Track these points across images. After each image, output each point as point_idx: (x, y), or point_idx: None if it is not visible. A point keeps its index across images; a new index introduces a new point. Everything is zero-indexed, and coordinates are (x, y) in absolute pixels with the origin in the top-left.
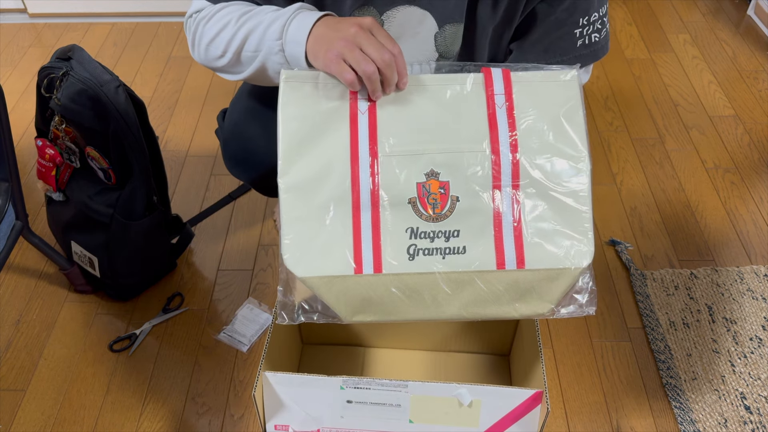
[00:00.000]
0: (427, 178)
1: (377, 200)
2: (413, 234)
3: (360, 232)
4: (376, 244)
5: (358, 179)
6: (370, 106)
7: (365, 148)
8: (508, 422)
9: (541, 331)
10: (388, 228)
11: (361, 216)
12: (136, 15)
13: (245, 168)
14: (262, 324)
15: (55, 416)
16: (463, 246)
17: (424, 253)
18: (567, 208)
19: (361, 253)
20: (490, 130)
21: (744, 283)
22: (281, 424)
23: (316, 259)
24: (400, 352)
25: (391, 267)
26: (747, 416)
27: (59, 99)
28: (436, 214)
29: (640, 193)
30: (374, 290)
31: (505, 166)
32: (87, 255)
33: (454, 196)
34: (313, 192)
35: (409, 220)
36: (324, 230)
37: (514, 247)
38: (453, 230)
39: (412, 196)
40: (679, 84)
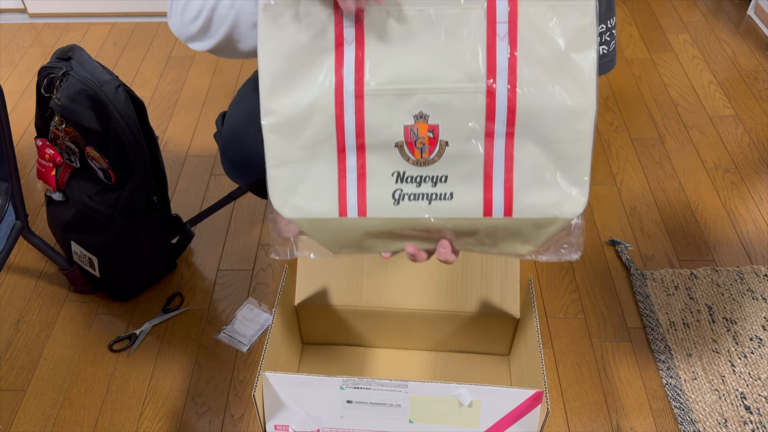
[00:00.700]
0: (415, 120)
1: (363, 143)
2: (399, 178)
3: (345, 176)
4: (361, 188)
5: (342, 121)
6: (357, 35)
7: (350, 85)
8: (508, 422)
9: (541, 331)
10: (374, 171)
11: (347, 159)
12: (136, 15)
13: (244, 173)
14: (262, 324)
15: (55, 416)
16: (450, 192)
17: (409, 198)
18: (564, 155)
19: (346, 197)
20: (487, 67)
21: (744, 283)
22: (281, 424)
23: (302, 201)
24: (400, 352)
25: (376, 211)
26: (747, 416)
27: (59, 99)
28: (423, 158)
29: (640, 193)
30: (359, 232)
31: (501, 109)
32: (87, 255)
33: (443, 140)
34: (298, 132)
35: (396, 164)
36: (310, 172)
37: (503, 196)
38: (441, 175)
39: (399, 140)
40: (679, 84)
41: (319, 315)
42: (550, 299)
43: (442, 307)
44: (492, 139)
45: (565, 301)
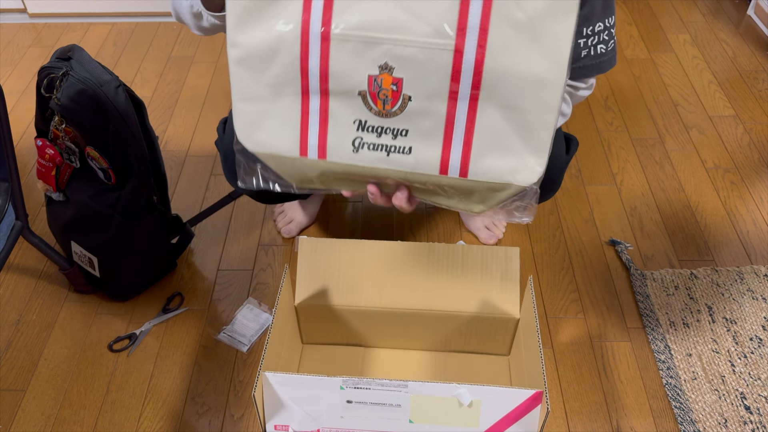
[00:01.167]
0: (380, 71)
1: (326, 87)
2: (361, 126)
3: (308, 117)
4: (323, 131)
5: (307, 64)
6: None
7: (317, 27)
8: (508, 422)
9: (541, 331)
10: (336, 116)
11: (310, 101)
12: (136, 15)
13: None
14: (262, 324)
15: (55, 416)
16: (410, 147)
17: (369, 148)
18: (527, 124)
19: (307, 138)
20: (458, 25)
21: (744, 283)
22: (281, 424)
23: (265, 137)
24: (400, 352)
25: (335, 156)
26: (747, 416)
27: (59, 99)
28: (386, 110)
29: (640, 193)
30: (318, 171)
31: (467, 70)
32: (87, 255)
33: (406, 95)
34: (264, 69)
35: (358, 112)
36: (273, 110)
37: (461, 157)
38: (402, 129)
39: (362, 89)
40: (679, 84)
41: (319, 315)
42: (550, 299)
43: (442, 307)
44: (455, 100)
45: (565, 301)
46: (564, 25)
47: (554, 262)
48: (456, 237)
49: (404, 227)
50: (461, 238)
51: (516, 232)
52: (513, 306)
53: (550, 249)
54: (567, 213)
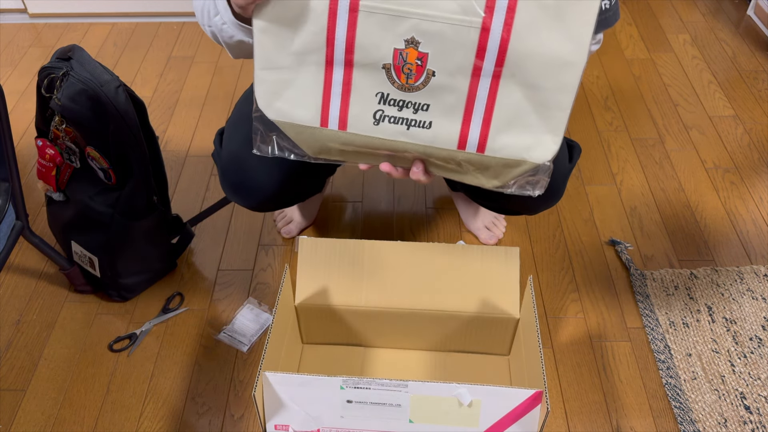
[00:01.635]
0: (406, 45)
1: (351, 59)
2: (383, 99)
3: (330, 88)
4: (344, 103)
5: (334, 34)
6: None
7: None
8: (508, 422)
9: (541, 331)
10: (359, 89)
11: (334, 72)
12: (136, 15)
13: (245, 196)
14: (262, 324)
15: (55, 416)
16: (430, 121)
17: (389, 121)
18: (546, 103)
19: (328, 109)
20: (486, 4)
21: (744, 283)
22: (281, 424)
23: (286, 106)
24: (400, 352)
25: (356, 127)
26: (747, 416)
27: (59, 99)
28: (409, 84)
29: (640, 193)
30: (338, 143)
31: (492, 46)
32: (87, 255)
33: (430, 70)
34: (289, 38)
35: (381, 85)
36: (296, 79)
37: (479, 133)
38: (423, 104)
39: (387, 62)
40: (679, 84)
41: (319, 315)
42: (550, 299)
43: (442, 307)
44: (478, 77)
45: (565, 301)
46: (588, 8)
47: (554, 262)
48: (456, 237)
49: (404, 227)
50: (461, 238)
51: (516, 232)
52: (513, 306)
53: (550, 249)
54: (567, 213)
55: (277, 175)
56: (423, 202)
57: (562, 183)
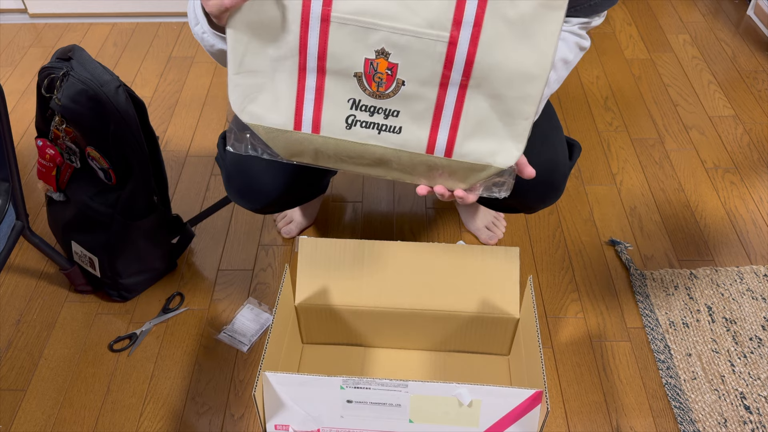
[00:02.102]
0: (376, 55)
1: (324, 66)
2: (354, 105)
3: (303, 93)
4: (317, 107)
5: (306, 42)
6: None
7: (318, 8)
8: (508, 422)
9: (541, 331)
10: (331, 94)
11: (306, 78)
12: (136, 15)
13: (250, 200)
14: (263, 324)
15: (55, 416)
16: (400, 126)
17: (361, 125)
18: (510, 112)
19: (302, 113)
20: (454, 19)
21: (744, 283)
22: (281, 424)
23: (260, 110)
24: (400, 352)
25: (329, 131)
26: (747, 416)
27: (59, 99)
28: (380, 91)
29: (640, 193)
30: (310, 146)
31: (459, 59)
32: (87, 255)
33: (400, 79)
34: (262, 45)
35: (353, 91)
36: (269, 84)
37: (447, 139)
38: (393, 110)
39: (358, 70)
40: (679, 84)
41: (319, 315)
42: (550, 299)
43: (442, 307)
44: (446, 87)
45: (565, 301)
46: (552, 24)
47: (554, 262)
48: (456, 237)
49: (404, 227)
50: (461, 238)
51: (516, 232)
52: (513, 306)
53: (550, 249)
54: (567, 213)
55: (281, 179)
56: (423, 202)
57: (563, 181)
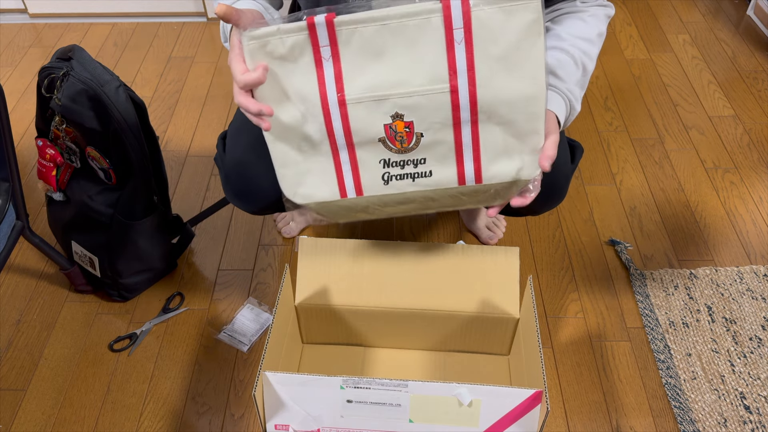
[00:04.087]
0: (392, 120)
1: (351, 141)
2: (386, 164)
3: (341, 167)
4: (356, 175)
5: (332, 126)
6: (333, 52)
7: (333, 97)
8: (508, 422)
9: (541, 331)
10: (364, 162)
11: (340, 154)
12: (136, 15)
13: (249, 201)
14: (262, 324)
15: (55, 416)
16: (430, 170)
17: (396, 178)
18: (522, 131)
19: (344, 183)
20: (449, 69)
21: (744, 283)
22: (281, 424)
23: (308, 190)
24: (400, 352)
25: (370, 191)
26: (747, 416)
27: (59, 99)
28: (404, 147)
29: (640, 193)
30: (359, 205)
31: (464, 104)
32: (87, 255)
33: (418, 133)
34: (294, 138)
35: (382, 153)
36: (311, 167)
37: (473, 168)
38: (420, 158)
39: (381, 136)
40: (679, 84)
41: (319, 315)
42: (550, 299)
43: (442, 307)
44: (459, 127)
45: (565, 301)
46: (535, 49)
47: (554, 262)
48: (456, 237)
49: (404, 227)
50: (461, 238)
51: (516, 232)
52: (513, 306)
53: (549, 249)
54: (567, 213)
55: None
56: None
57: (565, 183)
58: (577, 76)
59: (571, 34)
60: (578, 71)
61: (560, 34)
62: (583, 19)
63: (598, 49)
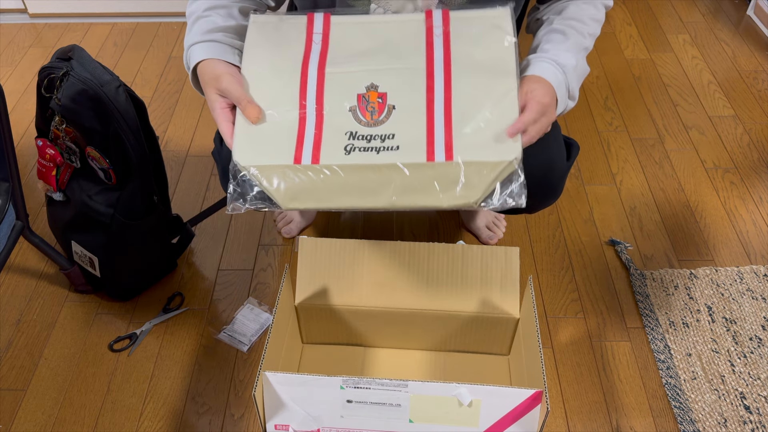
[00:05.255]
0: (366, 90)
1: (321, 110)
2: (352, 136)
3: (304, 131)
4: (317, 140)
5: (305, 91)
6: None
7: (314, 68)
8: (508, 422)
9: (541, 330)
10: (330, 128)
11: (306, 117)
12: (136, 15)
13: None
14: (262, 324)
15: (55, 416)
16: (397, 145)
17: (360, 150)
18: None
19: (302, 147)
20: (426, 54)
21: (744, 283)
22: (281, 424)
23: (260, 152)
24: (400, 352)
25: (328, 159)
26: (747, 416)
27: (59, 99)
28: (374, 120)
29: (640, 193)
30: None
31: (438, 82)
32: (87, 255)
33: (390, 105)
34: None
35: (349, 124)
36: (271, 128)
37: (444, 144)
38: (389, 134)
39: (352, 104)
40: (679, 84)
41: (319, 315)
42: (550, 299)
43: (442, 307)
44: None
45: (565, 301)
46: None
47: (554, 262)
48: (456, 237)
49: (404, 227)
50: (461, 238)
51: (516, 232)
52: (513, 306)
53: (549, 249)
54: (567, 213)
55: None
56: None
57: (560, 181)
58: (565, 45)
59: (563, 16)
60: (566, 40)
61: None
62: (578, 5)
63: (593, 28)
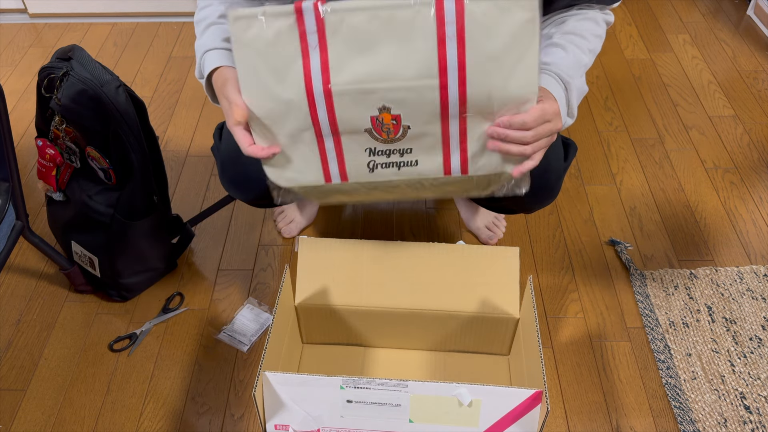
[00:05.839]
0: (379, 112)
1: (337, 130)
2: (371, 152)
3: (326, 154)
4: (341, 162)
5: (317, 116)
6: (320, 41)
7: (319, 87)
8: (508, 422)
9: (541, 331)
10: (350, 149)
11: (325, 142)
12: (136, 15)
13: (243, 190)
14: (262, 324)
15: (55, 416)
16: (416, 160)
17: (382, 167)
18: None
19: (329, 170)
20: (439, 65)
21: (744, 283)
22: (281, 424)
23: (293, 175)
24: (400, 352)
25: (356, 177)
26: (747, 416)
27: (59, 99)
28: (390, 138)
29: (640, 193)
30: (343, 189)
31: (453, 101)
32: (87, 255)
33: (405, 125)
34: (278, 125)
35: (367, 142)
36: (295, 153)
37: (460, 160)
38: (406, 148)
39: (367, 126)
40: (679, 84)
41: (319, 315)
42: (550, 299)
43: (442, 307)
44: (447, 121)
45: (565, 301)
46: (529, 49)
47: (554, 262)
48: (456, 237)
49: (404, 227)
50: (461, 238)
51: (516, 232)
52: (513, 306)
53: (549, 249)
54: (567, 213)
55: None
56: (423, 202)
57: (557, 181)
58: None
59: (563, 31)
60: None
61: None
62: (578, 19)
63: (593, 44)
